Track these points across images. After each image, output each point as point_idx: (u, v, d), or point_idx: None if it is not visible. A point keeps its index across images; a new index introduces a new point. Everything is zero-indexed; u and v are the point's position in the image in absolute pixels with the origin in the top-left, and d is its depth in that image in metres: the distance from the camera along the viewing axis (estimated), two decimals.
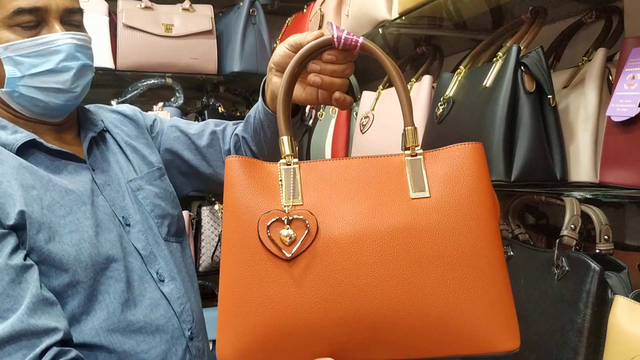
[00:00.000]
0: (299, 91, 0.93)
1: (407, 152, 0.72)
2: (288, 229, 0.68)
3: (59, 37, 0.95)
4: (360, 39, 0.79)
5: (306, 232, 0.68)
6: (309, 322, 0.67)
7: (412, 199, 0.69)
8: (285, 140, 0.74)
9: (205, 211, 2.41)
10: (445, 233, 0.68)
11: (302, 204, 0.70)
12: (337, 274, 0.67)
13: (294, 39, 0.88)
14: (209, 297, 2.49)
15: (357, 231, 0.68)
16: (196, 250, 2.39)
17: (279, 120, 0.76)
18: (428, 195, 0.69)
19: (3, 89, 0.95)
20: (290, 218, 0.69)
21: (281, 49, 0.91)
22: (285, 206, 0.70)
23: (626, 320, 0.81)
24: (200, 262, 2.38)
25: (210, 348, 2.32)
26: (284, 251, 0.68)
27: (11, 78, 0.94)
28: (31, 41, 0.94)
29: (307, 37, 0.84)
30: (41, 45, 0.94)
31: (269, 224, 0.69)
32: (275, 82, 0.97)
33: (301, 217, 0.69)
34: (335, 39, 0.80)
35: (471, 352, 0.67)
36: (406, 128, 0.73)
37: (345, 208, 0.70)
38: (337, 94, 0.89)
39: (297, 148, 0.76)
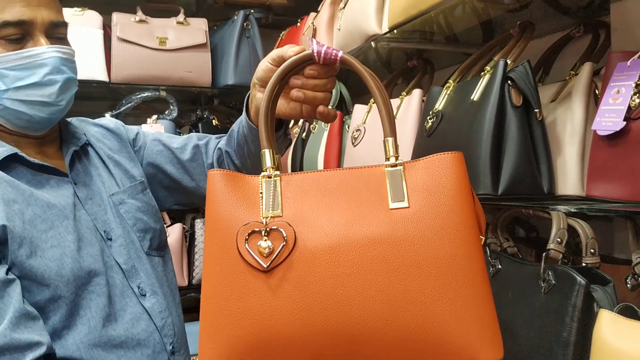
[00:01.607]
0: (283, 106, 0.93)
1: (387, 162, 0.72)
2: (266, 240, 0.69)
3: (44, 51, 0.95)
4: (340, 53, 0.80)
5: (283, 243, 0.68)
6: (287, 333, 0.67)
7: (391, 209, 0.69)
8: (267, 153, 0.75)
9: (198, 224, 2.41)
10: (424, 243, 0.67)
11: (281, 216, 0.71)
12: (314, 285, 0.67)
13: (276, 53, 0.88)
14: None
15: (334, 242, 0.68)
16: (190, 263, 2.39)
17: (260, 134, 0.77)
18: (407, 206, 0.69)
19: None
20: (268, 229, 0.69)
21: (264, 64, 0.92)
22: (264, 217, 0.70)
23: (610, 334, 0.81)
24: (194, 274, 2.38)
25: None
26: (261, 262, 0.68)
27: None
28: (17, 54, 0.94)
29: (288, 52, 0.85)
30: (27, 58, 0.94)
31: (247, 235, 0.69)
32: (259, 98, 0.97)
33: (279, 228, 0.69)
34: (315, 54, 0.80)
35: None
36: (386, 139, 0.73)
37: (324, 219, 0.70)
38: (320, 108, 0.90)
39: (279, 161, 0.76)
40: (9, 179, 0.93)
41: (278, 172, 0.74)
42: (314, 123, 2.04)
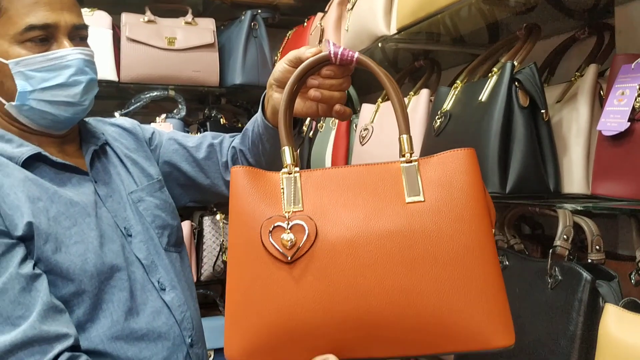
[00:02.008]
0: (299, 105, 0.96)
1: (403, 159, 0.75)
2: (289, 233, 0.72)
3: (69, 53, 0.99)
4: (356, 54, 0.83)
5: (305, 236, 0.72)
6: (310, 321, 0.70)
7: (407, 203, 0.72)
8: (287, 151, 0.78)
9: (207, 221, 2.43)
10: (439, 235, 0.71)
11: (302, 210, 0.74)
12: (335, 275, 0.70)
13: (293, 54, 0.92)
14: (210, 306, 2.51)
15: (354, 235, 0.71)
16: (198, 260, 2.42)
17: (280, 132, 0.80)
18: (422, 200, 0.72)
19: (12, 103, 0.98)
20: (290, 223, 0.73)
21: (281, 65, 0.95)
22: (286, 212, 0.73)
23: (616, 328, 0.83)
24: (202, 271, 2.41)
25: (211, 357, 2.34)
26: (285, 254, 0.71)
27: (22, 92, 0.97)
28: (42, 56, 0.97)
29: (305, 53, 0.88)
30: (52, 60, 0.98)
31: (271, 229, 0.73)
32: (276, 98, 1.00)
33: (301, 222, 0.72)
34: (332, 55, 0.84)
35: (467, 349, 0.70)
36: (401, 136, 0.76)
37: (343, 213, 0.73)
38: (337, 107, 0.93)
39: (297, 158, 0.80)
40: (33, 178, 0.96)
41: (298, 169, 0.77)
42: (321, 122, 2.07)
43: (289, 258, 0.71)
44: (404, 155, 0.76)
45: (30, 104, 0.98)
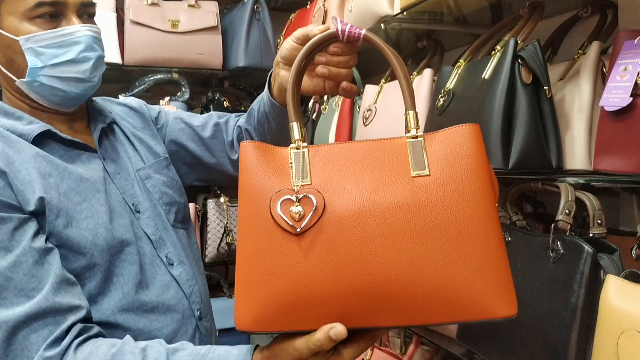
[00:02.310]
0: (306, 83, 0.98)
1: (409, 134, 0.77)
2: (297, 206, 0.74)
3: (78, 29, 1.00)
4: (363, 31, 0.84)
5: (314, 208, 0.73)
6: (318, 290, 0.72)
7: (413, 177, 0.74)
8: (295, 126, 0.80)
9: (211, 203, 2.45)
10: (444, 208, 0.72)
11: (310, 184, 0.76)
12: (343, 247, 0.72)
13: (301, 32, 0.93)
14: (214, 287, 2.54)
15: (361, 207, 0.73)
16: (202, 242, 2.44)
17: (288, 108, 0.81)
18: (428, 174, 0.74)
19: (23, 79, 0.99)
20: (299, 196, 0.74)
21: (288, 43, 0.96)
22: (294, 185, 0.75)
23: (616, 297, 0.85)
24: (207, 253, 2.43)
25: (217, 334, 2.37)
26: (294, 226, 0.73)
27: (33, 68, 0.98)
28: (52, 32, 0.98)
29: (313, 30, 0.89)
30: (62, 36, 0.99)
31: (280, 201, 0.74)
32: (283, 76, 1.01)
33: (309, 195, 0.74)
34: (339, 32, 0.85)
35: (471, 319, 0.72)
36: (407, 112, 0.78)
37: (350, 186, 0.74)
38: (344, 84, 0.95)
39: (305, 134, 0.81)
40: (43, 154, 0.97)
41: (306, 144, 0.78)
42: (325, 104, 2.08)
43: (298, 230, 0.73)
44: (409, 131, 0.77)
45: (40, 80, 0.99)
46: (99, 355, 0.84)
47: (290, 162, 0.77)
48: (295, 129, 0.79)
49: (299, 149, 0.78)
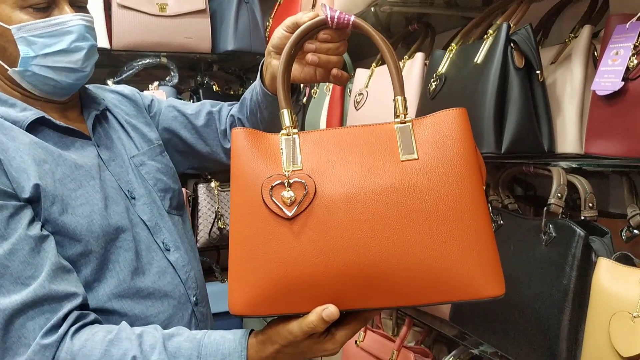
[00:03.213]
0: (297, 71, 0.98)
1: (397, 119, 0.78)
2: (289, 190, 0.75)
3: (70, 19, 0.99)
4: (352, 18, 0.85)
5: (305, 192, 0.75)
6: (309, 273, 0.73)
7: (402, 161, 0.76)
8: (285, 113, 0.81)
9: (201, 188, 2.45)
10: (432, 191, 0.74)
11: (301, 169, 0.77)
12: (333, 230, 0.73)
13: (291, 20, 0.93)
14: (206, 272, 2.53)
15: (351, 191, 0.74)
16: (194, 227, 2.44)
17: (279, 95, 0.82)
18: (416, 158, 0.75)
19: (15, 68, 0.98)
20: (290, 181, 0.75)
21: (279, 31, 0.96)
22: (286, 171, 0.76)
23: (608, 279, 0.87)
24: (198, 238, 2.43)
25: (212, 319, 2.37)
26: (285, 211, 0.74)
27: (25, 57, 0.97)
28: (44, 22, 0.97)
29: (303, 18, 0.90)
30: (54, 26, 0.98)
31: (271, 187, 0.76)
32: (274, 65, 1.01)
33: (300, 180, 0.75)
34: (329, 19, 0.86)
35: (459, 299, 0.73)
36: (396, 97, 0.79)
37: (340, 171, 0.76)
38: (334, 71, 0.95)
39: (296, 121, 0.82)
40: (38, 141, 0.96)
41: (296, 130, 0.80)
42: (315, 88, 2.07)
43: (289, 214, 0.74)
44: (398, 116, 0.78)
45: (32, 70, 0.98)
46: (96, 342, 0.84)
47: (281, 148, 0.78)
48: (286, 116, 0.81)
49: (290, 135, 0.79)
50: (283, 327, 0.77)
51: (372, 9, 1.57)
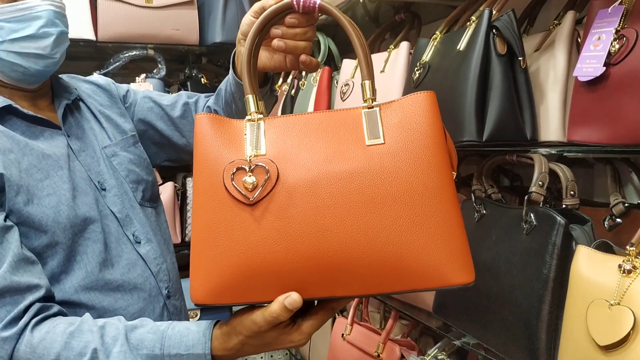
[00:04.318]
0: (267, 59, 0.96)
1: (364, 104, 0.76)
2: (251, 176, 0.73)
3: (38, 3, 0.96)
4: (318, 1, 0.83)
5: (267, 177, 0.72)
6: (272, 260, 0.71)
7: (368, 145, 0.73)
8: (250, 99, 0.79)
9: (190, 182, 2.43)
10: (398, 176, 0.71)
11: (264, 154, 0.75)
12: (297, 216, 0.71)
13: (258, 5, 0.91)
14: None
15: (314, 176, 0.72)
16: (182, 221, 2.42)
17: (244, 81, 0.80)
18: (382, 142, 0.73)
19: None
20: (252, 166, 0.73)
21: (247, 18, 0.94)
22: (248, 156, 0.74)
23: (586, 267, 0.85)
24: (187, 232, 2.41)
25: (197, 317, 2.36)
26: (247, 196, 0.72)
27: None
28: (11, 6, 0.95)
29: (269, 1, 0.87)
30: (22, 10, 0.95)
31: (233, 172, 0.74)
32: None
33: (263, 164, 0.73)
34: (294, 3, 0.83)
35: (427, 287, 0.71)
36: (363, 82, 0.77)
37: (304, 156, 0.74)
38: (302, 57, 0.93)
39: (263, 108, 0.80)
40: (4, 130, 0.94)
41: (261, 116, 0.78)
42: (303, 80, 2.05)
43: (251, 199, 0.72)
44: (365, 101, 0.76)
45: (0, 56, 0.96)
46: (57, 334, 0.83)
47: (245, 134, 0.76)
48: (251, 102, 0.79)
49: (254, 120, 0.77)
50: (247, 317, 0.75)
51: None
